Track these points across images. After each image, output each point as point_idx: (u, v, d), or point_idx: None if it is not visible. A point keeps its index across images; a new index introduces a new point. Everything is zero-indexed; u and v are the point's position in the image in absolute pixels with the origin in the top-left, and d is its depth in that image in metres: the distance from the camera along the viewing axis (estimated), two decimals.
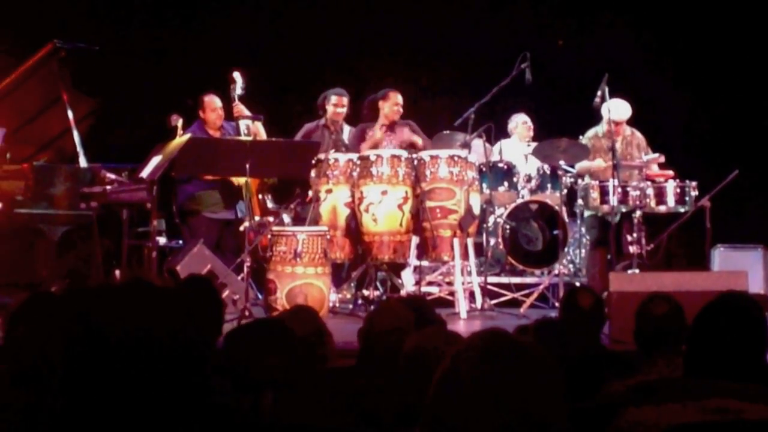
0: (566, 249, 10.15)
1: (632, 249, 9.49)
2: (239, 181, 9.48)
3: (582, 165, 10.08)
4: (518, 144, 10.89)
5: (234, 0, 12.32)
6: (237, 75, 9.71)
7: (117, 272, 9.01)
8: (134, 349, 1.88)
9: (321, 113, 10.16)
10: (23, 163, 8.90)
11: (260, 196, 9.71)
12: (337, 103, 10.07)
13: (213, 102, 9.92)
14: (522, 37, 11.17)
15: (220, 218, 9.83)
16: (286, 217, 9.50)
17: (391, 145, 9.81)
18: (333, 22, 12.05)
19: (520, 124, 10.99)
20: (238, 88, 9.70)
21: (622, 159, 9.73)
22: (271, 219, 9.44)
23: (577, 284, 9.48)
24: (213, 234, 9.73)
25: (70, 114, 9.06)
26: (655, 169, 9.97)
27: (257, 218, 9.42)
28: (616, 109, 9.82)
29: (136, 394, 1.86)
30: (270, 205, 9.75)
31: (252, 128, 9.68)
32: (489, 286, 9.61)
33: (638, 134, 10.17)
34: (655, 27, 12.18)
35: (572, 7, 12.38)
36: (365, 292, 9.32)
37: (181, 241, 9.84)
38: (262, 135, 9.67)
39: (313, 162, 9.26)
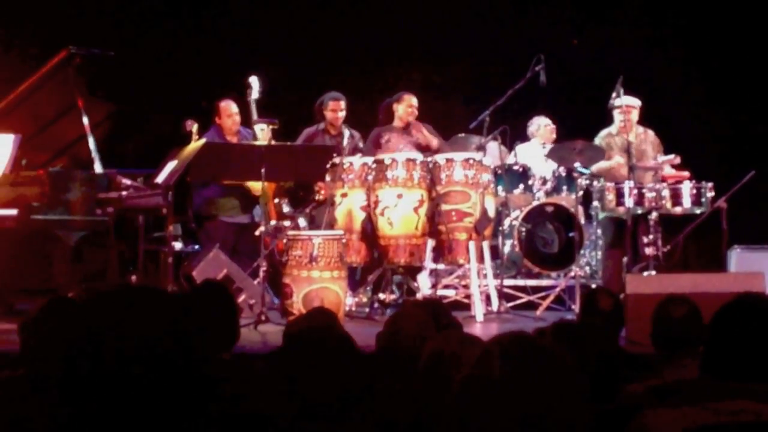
0: (582, 251, 10.12)
1: (648, 251, 9.46)
2: (256, 185, 9.49)
3: (599, 165, 10.03)
4: (536, 147, 10.86)
5: (248, 4, 12.33)
6: (253, 79, 9.70)
7: (133, 278, 9.02)
8: (141, 356, 1.88)
9: (319, 118, 10.16)
10: (39, 169, 8.92)
11: (276, 201, 9.71)
12: (334, 108, 10.04)
13: (229, 108, 9.89)
14: (537, 39, 11.15)
15: (237, 222, 9.83)
16: (303, 221, 9.50)
17: (406, 148, 9.81)
18: (347, 25, 12.06)
19: (543, 126, 10.96)
20: (255, 92, 9.69)
21: (636, 155, 9.73)
22: (287, 223, 9.44)
23: (594, 286, 9.46)
24: (230, 238, 9.74)
25: (85, 120, 9.07)
26: (668, 171, 9.96)
27: (273, 222, 9.41)
28: (626, 98, 9.82)
29: (141, 401, 1.86)
30: (286, 209, 9.75)
31: (267, 132, 9.65)
32: (505, 289, 9.60)
33: (651, 133, 10.16)
34: (671, 27, 12.15)
35: (587, 8, 12.36)
36: (381, 296, 9.32)
37: (197, 246, 9.84)
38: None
39: (328, 166, 9.26)
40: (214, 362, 4.07)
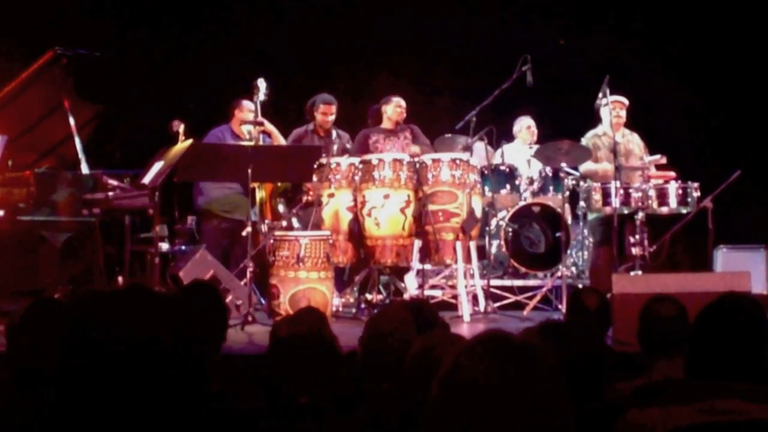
0: (569, 251, 10.14)
1: (635, 251, 9.46)
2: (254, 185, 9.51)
3: (587, 167, 10.04)
4: (521, 147, 10.89)
5: (235, 5, 12.32)
6: (261, 81, 9.66)
7: (120, 278, 9.01)
8: (133, 356, 1.88)
9: (308, 118, 10.19)
10: (25, 170, 8.90)
11: (272, 201, 9.73)
12: (325, 111, 10.09)
13: (249, 105, 9.91)
14: (523, 39, 11.16)
15: (234, 220, 9.80)
16: (296, 222, 9.51)
17: (393, 149, 9.82)
18: (334, 26, 12.06)
19: (525, 128, 11.02)
20: (262, 94, 9.68)
21: (623, 154, 9.75)
22: (284, 223, 9.45)
23: (580, 286, 9.47)
24: (226, 237, 9.77)
25: (71, 120, 9.06)
26: (653, 171, 9.97)
27: (268, 222, 9.43)
28: (615, 96, 9.86)
29: (134, 400, 1.87)
30: (282, 209, 9.76)
31: (254, 133, 9.64)
32: (492, 289, 9.60)
33: (636, 135, 10.18)
34: (657, 27, 12.18)
35: (574, 8, 12.38)
36: (368, 296, 9.32)
37: (183, 247, 9.85)
38: (279, 137, 9.78)
39: (315, 166, 9.26)
40: (205, 362, 4.07)
